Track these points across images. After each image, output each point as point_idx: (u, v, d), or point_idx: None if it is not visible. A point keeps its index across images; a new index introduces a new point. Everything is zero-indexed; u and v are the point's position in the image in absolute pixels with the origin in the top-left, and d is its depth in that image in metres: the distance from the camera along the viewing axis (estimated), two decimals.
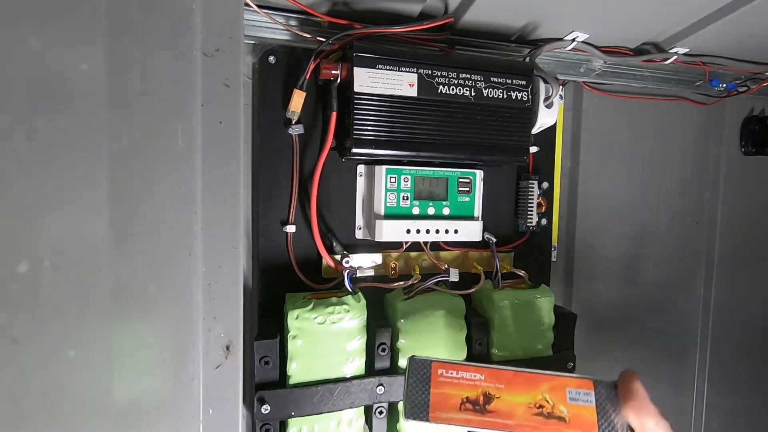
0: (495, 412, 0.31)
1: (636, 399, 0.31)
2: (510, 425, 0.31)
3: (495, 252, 0.55)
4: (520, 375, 0.32)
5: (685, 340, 0.77)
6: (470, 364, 0.32)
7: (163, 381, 0.31)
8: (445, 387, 0.31)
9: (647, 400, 0.30)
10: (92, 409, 0.23)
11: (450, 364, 0.32)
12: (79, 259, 0.22)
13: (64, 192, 0.21)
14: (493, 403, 0.31)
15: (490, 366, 0.32)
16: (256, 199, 0.52)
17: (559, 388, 0.32)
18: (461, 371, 0.32)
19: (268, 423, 0.45)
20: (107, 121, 0.23)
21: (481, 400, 0.31)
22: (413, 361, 0.32)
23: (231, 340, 0.36)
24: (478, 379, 0.32)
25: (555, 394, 0.32)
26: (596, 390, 0.32)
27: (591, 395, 0.32)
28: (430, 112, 0.49)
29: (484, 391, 0.31)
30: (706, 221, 0.76)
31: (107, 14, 0.23)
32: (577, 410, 0.31)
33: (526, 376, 0.32)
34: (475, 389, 0.31)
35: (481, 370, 0.32)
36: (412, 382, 0.31)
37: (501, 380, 0.32)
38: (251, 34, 0.48)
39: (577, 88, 0.66)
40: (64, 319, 0.21)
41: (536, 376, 0.32)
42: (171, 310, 0.32)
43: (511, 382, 0.32)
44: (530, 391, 0.32)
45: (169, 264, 0.31)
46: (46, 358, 0.21)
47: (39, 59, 0.20)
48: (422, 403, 0.31)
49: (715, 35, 0.56)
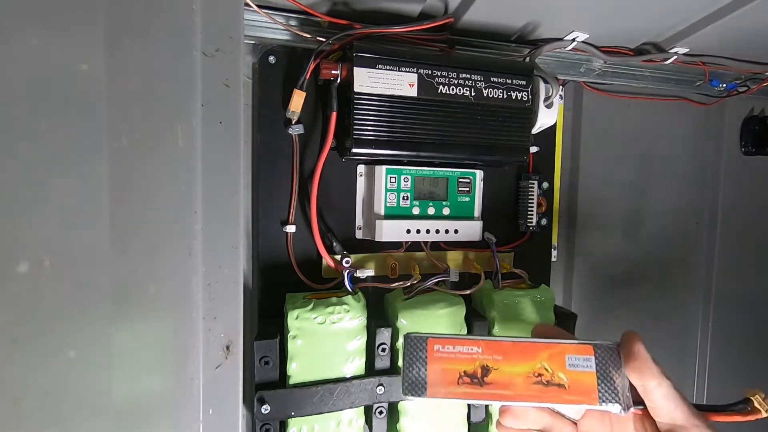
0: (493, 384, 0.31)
1: (637, 359, 0.30)
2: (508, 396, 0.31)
3: (495, 252, 0.55)
4: (518, 345, 0.32)
5: (685, 339, 0.77)
6: (467, 337, 0.32)
7: (163, 381, 0.31)
8: (442, 362, 0.31)
9: (649, 360, 0.30)
10: (92, 409, 0.23)
11: (446, 339, 0.32)
12: (79, 259, 0.22)
13: (64, 192, 0.21)
14: (491, 375, 0.31)
15: (488, 338, 0.32)
16: (256, 199, 0.52)
17: (558, 356, 0.31)
18: (458, 345, 0.31)
19: (268, 423, 0.45)
20: (107, 121, 0.23)
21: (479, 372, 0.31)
22: (409, 339, 0.32)
23: (231, 340, 0.36)
24: (476, 352, 0.31)
25: (554, 361, 0.31)
26: (596, 354, 0.32)
27: (591, 360, 0.31)
28: (430, 112, 0.49)
29: (482, 363, 0.31)
30: (706, 221, 0.76)
31: (107, 14, 0.23)
32: (577, 376, 0.31)
33: (524, 345, 0.32)
34: (473, 362, 0.31)
35: (478, 342, 0.32)
36: (409, 359, 0.31)
37: (499, 351, 0.31)
38: (251, 34, 0.48)
39: (577, 88, 0.66)
40: (64, 319, 0.21)
41: (535, 345, 0.32)
42: (171, 310, 0.32)
43: (509, 352, 0.31)
44: (529, 360, 0.31)
45: (169, 264, 0.31)
46: (46, 358, 0.21)
47: (39, 59, 0.20)
48: (419, 380, 0.31)
49: (715, 35, 0.56)
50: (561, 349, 0.32)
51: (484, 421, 0.53)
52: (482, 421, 0.53)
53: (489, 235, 0.56)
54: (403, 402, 0.49)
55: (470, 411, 0.52)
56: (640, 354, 0.30)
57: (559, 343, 0.32)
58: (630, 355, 0.31)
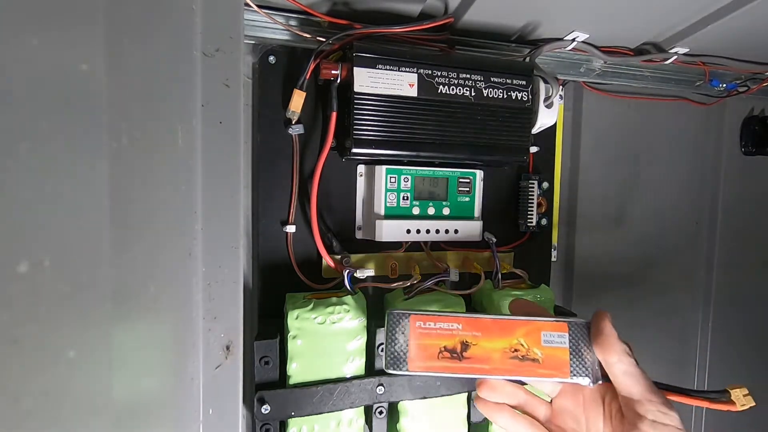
0: (472, 358, 0.32)
1: (602, 335, 0.32)
2: (486, 369, 0.32)
3: (495, 252, 0.55)
4: (497, 322, 0.33)
5: (685, 339, 0.77)
6: (448, 314, 0.33)
7: (163, 381, 0.31)
8: (423, 338, 0.32)
9: (613, 337, 0.32)
10: (92, 409, 0.23)
11: (428, 316, 0.33)
12: (79, 259, 0.22)
13: (64, 192, 0.21)
14: (470, 350, 0.32)
15: (468, 315, 0.33)
16: (256, 199, 0.52)
17: (534, 332, 0.33)
18: (439, 322, 0.33)
19: (268, 423, 0.45)
20: (107, 121, 0.23)
21: (459, 348, 0.32)
22: (392, 315, 0.33)
23: (231, 340, 0.36)
24: (456, 329, 0.33)
25: (530, 338, 0.33)
26: (570, 331, 0.34)
27: (565, 337, 0.33)
28: (430, 112, 0.49)
29: (462, 339, 0.33)
30: (706, 221, 0.76)
31: (107, 14, 0.23)
32: (551, 352, 0.33)
33: (502, 322, 0.33)
34: (453, 338, 0.33)
35: (458, 319, 0.33)
36: (391, 335, 0.32)
37: (478, 328, 0.33)
38: (251, 34, 0.48)
39: (577, 88, 0.66)
40: (64, 319, 0.21)
41: (512, 322, 0.33)
42: (171, 310, 0.32)
43: (488, 329, 0.33)
44: (506, 336, 0.33)
45: (169, 264, 0.31)
46: (46, 358, 0.21)
47: (39, 59, 0.20)
48: (401, 354, 0.32)
49: (715, 35, 0.56)
50: (537, 326, 0.33)
51: (484, 421, 0.53)
52: (482, 421, 0.53)
53: (489, 235, 0.56)
54: (403, 402, 0.49)
55: (470, 411, 0.52)
56: (605, 330, 0.32)
57: (536, 320, 0.34)
58: (597, 331, 0.33)
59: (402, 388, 0.48)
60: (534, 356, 0.33)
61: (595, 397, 0.34)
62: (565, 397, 0.35)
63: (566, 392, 0.35)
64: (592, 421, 0.34)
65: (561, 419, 0.35)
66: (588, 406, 0.34)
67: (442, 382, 0.49)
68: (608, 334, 0.32)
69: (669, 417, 0.30)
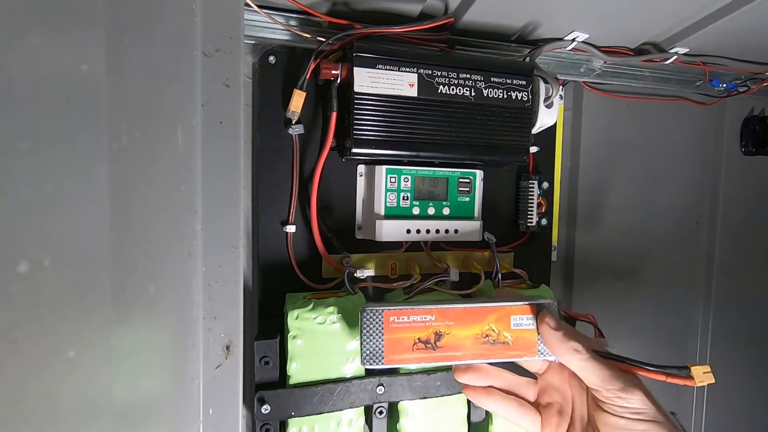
0: (445, 347, 0.34)
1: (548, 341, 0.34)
2: (459, 356, 0.34)
3: (495, 252, 0.55)
4: (468, 310, 0.35)
5: (685, 339, 0.77)
6: (421, 306, 0.34)
7: (163, 381, 0.31)
8: (397, 332, 0.34)
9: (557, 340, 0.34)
10: (92, 410, 0.23)
11: (400, 311, 0.34)
12: (79, 259, 0.22)
13: (64, 192, 0.21)
14: (444, 339, 0.34)
15: (440, 306, 0.34)
16: (256, 199, 0.52)
17: (504, 318, 0.35)
18: (412, 315, 0.34)
19: (268, 423, 0.45)
20: (107, 121, 0.23)
21: (432, 338, 0.34)
22: (365, 312, 0.34)
23: (231, 340, 0.36)
24: (429, 320, 0.34)
25: (500, 323, 0.35)
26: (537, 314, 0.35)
27: (532, 318, 0.35)
28: (430, 112, 0.49)
29: (435, 330, 0.34)
30: (706, 221, 0.76)
31: (107, 14, 0.23)
32: (520, 334, 0.35)
33: (473, 310, 0.35)
34: (426, 329, 0.34)
35: (431, 311, 0.34)
36: (367, 332, 0.33)
37: (450, 317, 0.34)
38: (251, 34, 0.48)
39: (577, 88, 0.66)
40: (64, 319, 0.21)
41: (483, 309, 0.35)
42: (171, 310, 0.32)
43: (460, 317, 0.34)
44: (478, 323, 0.34)
45: (169, 264, 0.31)
46: (46, 358, 0.21)
47: (39, 59, 0.20)
48: (377, 350, 0.33)
49: (715, 35, 0.56)
50: (507, 311, 0.35)
51: (484, 421, 0.53)
52: (482, 421, 0.53)
53: (489, 235, 0.56)
54: (403, 402, 0.49)
55: (470, 411, 0.52)
56: (547, 336, 0.34)
57: (506, 305, 0.35)
58: (543, 338, 0.35)
59: (402, 388, 0.48)
60: (504, 339, 0.34)
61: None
62: (552, 374, 0.37)
63: (552, 369, 0.37)
64: (577, 395, 0.36)
65: (549, 395, 0.37)
66: (572, 380, 0.36)
67: (443, 382, 0.49)
68: (551, 338, 0.34)
69: (628, 400, 0.31)
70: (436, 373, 0.49)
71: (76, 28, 0.22)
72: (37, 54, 0.20)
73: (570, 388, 0.36)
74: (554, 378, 0.37)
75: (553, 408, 0.36)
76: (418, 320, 0.34)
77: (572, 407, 0.36)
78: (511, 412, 0.36)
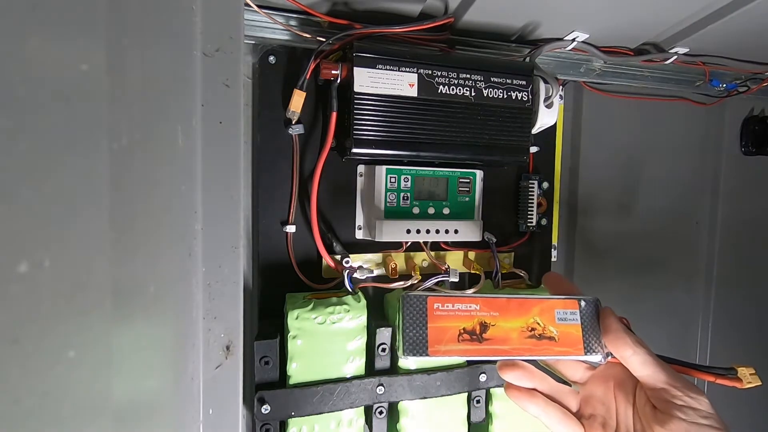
0: (491, 340, 0.32)
1: (611, 333, 0.32)
2: (506, 350, 0.32)
3: (495, 252, 0.55)
4: (513, 301, 0.33)
5: (686, 338, 0.77)
6: (464, 294, 0.33)
7: (163, 381, 0.31)
8: (441, 320, 0.31)
9: (621, 331, 0.32)
10: (92, 409, 0.23)
11: (445, 297, 0.32)
12: (79, 259, 0.22)
13: (64, 192, 0.21)
14: (489, 331, 0.32)
15: (484, 295, 0.33)
16: (256, 199, 0.52)
17: (548, 310, 0.33)
18: (457, 303, 0.32)
19: (268, 423, 0.45)
20: (107, 121, 0.23)
21: (478, 329, 0.32)
22: (408, 298, 0.32)
23: (231, 340, 0.36)
24: (474, 309, 0.32)
25: (545, 316, 0.33)
26: (581, 308, 0.34)
27: (576, 314, 0.33)
28: (430, 112, 0.49)
29: (480, 320, 0.32)
30: (706, 221, 0.76)
31: (107, 14, 0.23)
32: (565, 329, 0.33)
33: (518, 301, 0.33)
34: (472, 319, 0.32)
35: (476, 299, 0.32)
36: (409, 319, 0.31)
37: (495, 308, 0.32)
38: (251, 34, 0.48)
39: (577, 88, 0.66)
40: (64, 319, 0.21)
41: (528, 301, 0.33)
42: (171, 310, 0.32)
43: (504, 308, 0.33)
44: (522, 315, 0.33)
45: (169, 264, 0.31)
46: (46, 358, 0.21)
47: (39, 59, 0.20)
48: (420, 339, 0.31)
49: (715, 35, 0.56)
50: (551, 305, 0.33)
51: (484, 421, 0.53)
52: (482, 421, 0.53)
53: (489, 235, 0.56)
54: (403, 402, 0.49)
55: (470, 411, 0.52)
56: (612, 326, 0.33)
57: (550, 298, 0.34)
58: (605, 329, 0.33)
59: (402, 388, 0.48)
60: (550, 334, 0.32)
61: (624, 385, 0.34)
62: (595, 384, 0.35)
63: (595, 379, 0.35)
64: (623, 409, 0.33)
65: (592, 407, 0.34)
66: (618, 393, 0.34)
67: (443, 382, 0.49)
68: (616, 329, 0.32)
69: (699, 401, 0.29)
70: (436, 373, 0.49)
71: (76, 28, 0.22)
72: (37, 54, 0.20)
73: (614, 400, 0.34)
74: (598, 389, 0.34)
75: (597, 420, 0.33)
76: (463, 309, 0.32)
77: (617, 421, 0.33)
78: (553, 420, 0.34)
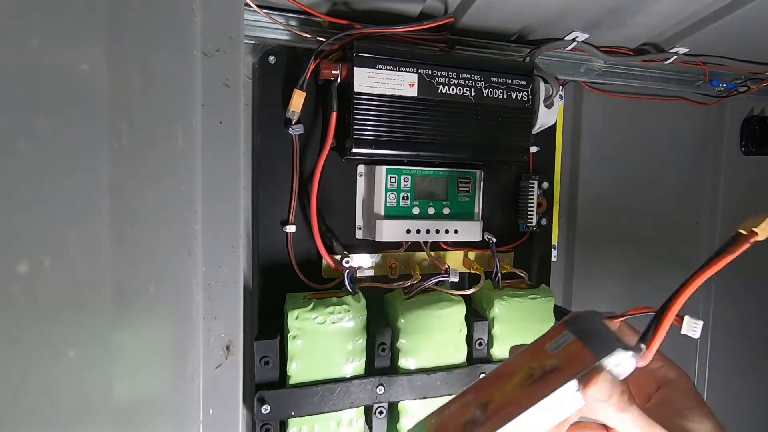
0: (496, 412, 0.30)
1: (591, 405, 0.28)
2: (515, 412, 0.29)
3: (495, 252, 0.55)
4: (500, 370, 0.31)
5: (686, 339, 0.77)
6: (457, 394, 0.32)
7: (163, 381, 0.31)
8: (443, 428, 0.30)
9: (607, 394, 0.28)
10: (92, 409, 0.23)
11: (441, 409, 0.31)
12: (79, 259, 0.22)
13: (64, 192, 0.21)
14: (491, 407, 0.30)
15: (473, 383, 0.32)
16: (256, 199, 0.52)
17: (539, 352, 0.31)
18: (452, 406, 0.31)
19: (268, 423, 0.45)
20: (107, 121, 0.23)
21: (478, 413, 0.30)
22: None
23: (231, 340, 0.36)
24: (468, 400, 0.31)
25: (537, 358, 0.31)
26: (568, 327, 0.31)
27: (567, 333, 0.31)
28: (430, 112, 0.49)
29: (477, 404, 0.31)
30: (706, 221, 0.76)
31: (107, 14, 0.23)
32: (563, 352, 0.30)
33: (505, 365, 0.31)
34: (471, 410, 0.30)
35: (466, 393, 0.31)
36: None
37: (487, 385, 0.31)
38: (251, 34, 0.48)
39: (577, 88, 0.66)
40: (64, 319, 0.21)
41: (515, 360, 0.32)
42: (171, 310, 0.32)
43: (496, 380, 0.31)
44: (517, 373, 0.31)
45: (169, 264, 0.31)
46: (46, 358, 0.21)
47: (39, 59, 0.20)
48: None
49: (715, 35, 0.56)
50: (538, 345, 0.31)
51: None
52: None
53: (489, 235, 0.56)
54: (403, 402, 0.49)
55: None
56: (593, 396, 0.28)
57: (534, 342, 0.32)
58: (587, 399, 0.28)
59: (402, 388, 0.48)
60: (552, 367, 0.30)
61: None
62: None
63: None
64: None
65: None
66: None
67: (443, 382, 0.49)
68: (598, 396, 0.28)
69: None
70: (436, 373, 0.49)
71: (76, 28, 0.22)
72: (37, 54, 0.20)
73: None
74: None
75: None
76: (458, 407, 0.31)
77: None
78: None
